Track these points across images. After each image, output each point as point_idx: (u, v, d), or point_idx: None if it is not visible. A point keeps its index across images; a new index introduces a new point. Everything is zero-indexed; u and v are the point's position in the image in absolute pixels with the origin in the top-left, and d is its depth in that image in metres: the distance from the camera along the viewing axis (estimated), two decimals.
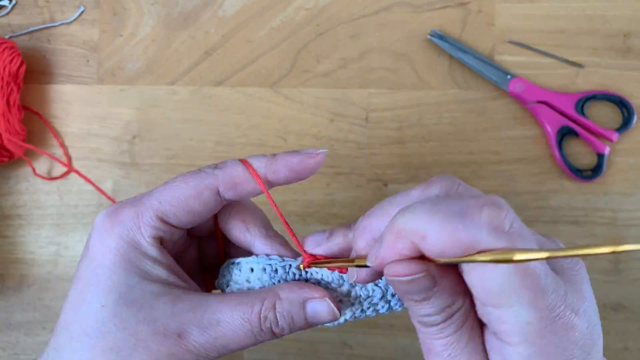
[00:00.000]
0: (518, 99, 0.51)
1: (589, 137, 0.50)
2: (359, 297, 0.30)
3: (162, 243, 0.29)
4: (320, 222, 0.52)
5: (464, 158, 0.51)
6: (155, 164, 0.53)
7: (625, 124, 0.50)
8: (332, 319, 0.29)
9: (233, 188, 0.28)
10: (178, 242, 0.31)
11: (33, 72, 0.54)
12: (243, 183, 0.28)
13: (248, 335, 0.27)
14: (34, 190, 0.53)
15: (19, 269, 0.53)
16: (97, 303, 0.27)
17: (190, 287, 0.29)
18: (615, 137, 0.50)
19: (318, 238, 0.29)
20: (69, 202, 0.53)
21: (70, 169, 0.53)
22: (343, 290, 0.29)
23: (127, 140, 0.53)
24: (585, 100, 0.50)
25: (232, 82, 0.53)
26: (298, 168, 0.28)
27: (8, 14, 0.55)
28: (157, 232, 0.28)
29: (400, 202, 0.26)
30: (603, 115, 0.51)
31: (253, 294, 0.28)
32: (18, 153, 0.51)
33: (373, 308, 0.30)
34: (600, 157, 0.50)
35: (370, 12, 0.53)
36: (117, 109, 0.54)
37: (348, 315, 0.30)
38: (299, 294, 0.28)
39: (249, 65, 0.54)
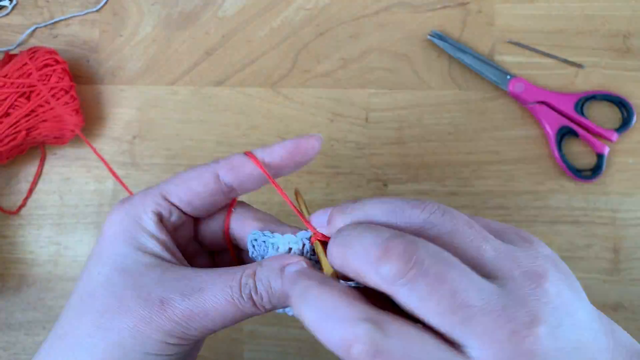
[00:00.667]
0: (518, 99, 0.51)
1: (589, 137, 0.50)
2: None
3: (162, 221, 0.30)
4: None
5: (464, 158, 0.51)
6: (156, 164, 0.53)
7: (625, 124, 0.50)
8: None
9: (231, 170, 0.30)
10: (180, 232, 0.31)
11: None
12: (241, 166, 0.30)
13: (229, 303, 0.27)
14: (35, 190, 0.53)
15: (19, 269, 0.53)
16: (94, 271, 0.28)
17: (179, 261, 0.30)
18: (615, 137, 0.50)
19: (320, 220, 0.30)
20: (69, 202, 0.53)
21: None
22: None
23: (127, 141, 0.53)
24: (585, 101, 0.50)
25: (232, 82, 0.54)
26: (292, 148, 0.30)
27: (8, 14, 0.55)
28: (157, 207, 0.29)
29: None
30: (603, 116, 0.51)
31: (240, 266, 0.28)
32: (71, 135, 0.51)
33: None
34: (600, 157, 0.50)
35: (370, 12, 0.53)
36: (117, 109, 0.54)
37: None
38: (278, 261, 0.28)
39: (249, 65, 0.54)
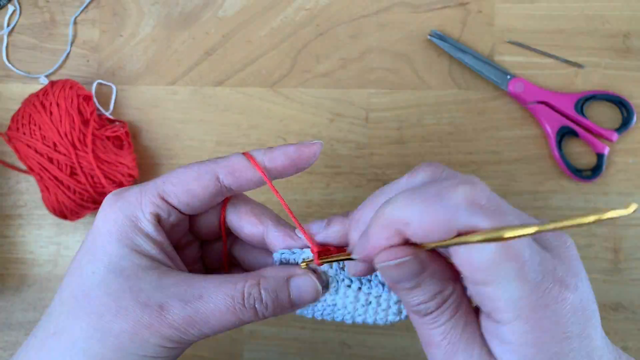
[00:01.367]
0: (518, 99, 0.51)
1: (589, 137, 0.50)
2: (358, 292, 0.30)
3: (159, 222, 0.29)
4: None
5: (464, 158, 0.51)
6: (156, 164, 0.53)
7: (625, 124, 0.50)
8: (315, 296, 0.29)
9: (232, 174, 0.29)
10: (177, 229, 0.31)
11: (33, 71, 0.54)
12: (242, 169, 0.29)
13: (230, 311, 0.27)
14: (35, 190, 0.53)
15: (20, 269, 0.53)
16: (89, 270, 0.28)
17: (179, 268, 0.29)
18: (615, 137, 0.50)
19: (316, 226, 0.30)
20: None
21: None
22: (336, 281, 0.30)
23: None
24: (585, 101, 0.50)
25: (232, 82, 0.54)
26: (294, 155, 0.30)
27: (8, 14, 0.55)
28: (155, 208, 0.29)
29: (389, 191, 0.26)
30: (602, 115, 0.51)
31: (238, 275, 0.28)
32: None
33: (366, 303, 0.30)
34: (600, 157, 0.50)
35: (370, 12, 0.53)
36: (117, 109, 0.54)
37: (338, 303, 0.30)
38: (283, 271, 0.29)
39: (249, 65, 0.54)
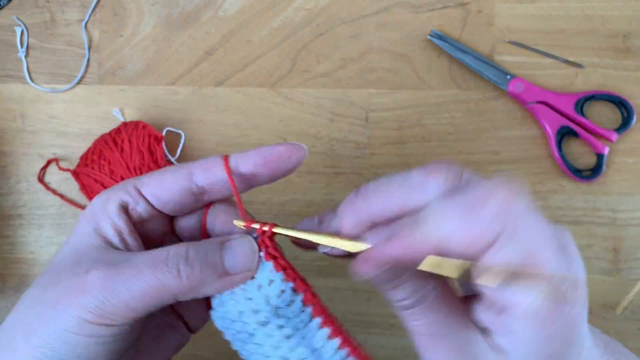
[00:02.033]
0: (518, 99, 0.51)
1: (589, 137, 0.50)
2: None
3: (127, 210, 0.29)
4: None
5: (464, 158, 0.52)
6: None
7: (625, 124, 0.50)
8: (251, 260, 0.27)
9: (204, 172, 0.28)
10: (150, 225, 0.30)
11: (33, 71, 0.54)
12: (214, 168, 0.28)
13: (152, 273, 0.25)
14: (35, 190, 0.53)
15: (20, 269, 0.53)
16: (59, 251, 0.29)
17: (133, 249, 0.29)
18: (615, 137, 0.50)
19: (306, 225, 0.29)
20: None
21: None
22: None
23: None
24: (585, 101, 0.50)
25: (232, 82, 0.54)
26: (270, 157, 0.28)
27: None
28: (125, 195, 0.29)
29: (400, 185, 0.25)
30: (602, 116, 0.51)
31: (166, 246, 0.28)
32: None
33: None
34: (600, 157, 0.50)
35: (370, 12, 0.53)
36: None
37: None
38: (219, 238, 0.28)
39: (249, 66, 0.54)
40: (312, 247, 0.28)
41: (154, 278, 0.25)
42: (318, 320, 0.26)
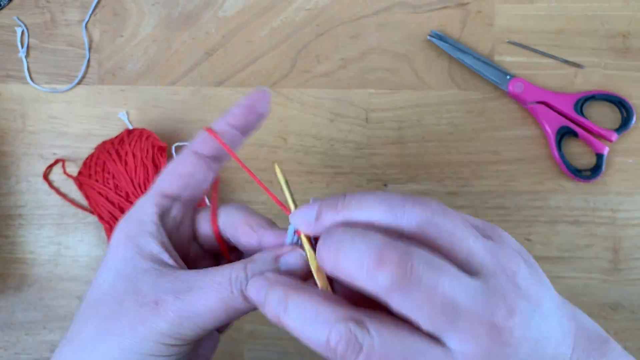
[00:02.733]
0: (517, 99, 0.51)
1: (588, 137, 0.50)
2: None
3: (163, 220, 0.30)
4: None
5: (464, 158, 0.52)
6: None
7: (625, 124, 0.50)
8: (302, 264, 0.28)
9: (204, 143, 0.31)
10: (182, 230, 0.32)
11: (33, 71, 0.54)
12: (210, 140, 0.31)
13: (218, 299, 0.27)
14: (35, 190, 0.53)
15: (20, 269, 0.53)
16: (100, 279, 0.29)
17: (181, 267, 0.30)
18: (615, 137, 0.50)
19: (307, 218, 0.29)
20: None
21: None
22: None
23: None
24: (585, 101, 0.50)
25: (232, 82, 0.54)
26: (248, 102, 0.31)
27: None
28: (157, 206, 0.30)
29: (381, 204, 0.25)
30: (602, 116, 0.51)
31: (227, 264, 0.28)
32: None
33: None
34: (600, 157, 0.50)
35: (370, 12, 0.53)
36: (117, 109, 0.54)
37: None
38: (272, 252, 0.28)
39: (249, 66, 0.54)
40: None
41: (222, 303, 0.27)
42: None
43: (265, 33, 0.54)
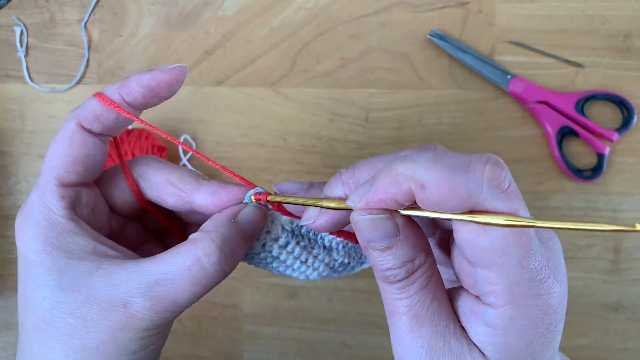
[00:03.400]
0: (518, 99, 0.51)
1: (589, 137, 0.50)
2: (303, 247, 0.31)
3: (76, 212, 0.28)
4: None
5: None
6: None
7: (625, 124, 0.50)
8: (262, 218, 0.29)
9: (96, 120, 0.28)
10: (98, 212, 0.29)
11: (33, 71, 0.54)
12: (104, 113, 0.28)
13: (192, 283, 0.26)
14: None
15: None
16: (38, 297, 0.26)
17: (121, 253, 0.28)
18: (615, 137, 0.50)
19: (294, 187, 0.29)
20: None
21: None
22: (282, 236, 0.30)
23: None
24: (585, 100, 0.50)
25: (232, 82, 0.53)
26: (152, 84, 0.27)
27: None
28: (65, 200, 0.27)
29: (391, 158, 0.25)
30: (603, 115, 0.51)
31: (181, 245, 0.27)
32: None
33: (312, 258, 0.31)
34: (600, 157, 0.50)
35: (370, 12, 0.53)
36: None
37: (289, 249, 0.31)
38: (226, 214, 0.28)
39: (249, 65, 0.54)
40: (297, 217, 0.29)
41: (196, 286, 0.26)
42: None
43: (265, 32, 0.54)
